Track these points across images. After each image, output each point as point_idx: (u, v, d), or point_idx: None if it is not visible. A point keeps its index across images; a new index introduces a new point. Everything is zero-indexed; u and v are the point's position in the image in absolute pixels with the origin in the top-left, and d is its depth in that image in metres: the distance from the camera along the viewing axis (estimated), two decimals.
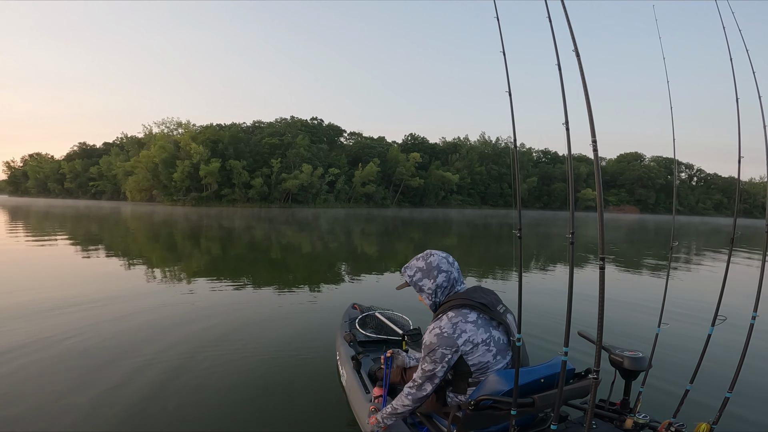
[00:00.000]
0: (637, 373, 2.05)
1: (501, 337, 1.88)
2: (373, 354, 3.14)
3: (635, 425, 1.88)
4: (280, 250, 12.88)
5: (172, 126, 62.21)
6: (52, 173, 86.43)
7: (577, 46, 1.58)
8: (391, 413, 1.99)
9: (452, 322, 1.82)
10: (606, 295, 1.49)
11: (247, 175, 55.99)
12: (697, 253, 15.13)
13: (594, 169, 1.54)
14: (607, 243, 15.44)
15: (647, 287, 7.98)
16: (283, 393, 3.08)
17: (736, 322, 2.31)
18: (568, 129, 1.67)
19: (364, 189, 64.40)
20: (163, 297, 6.01)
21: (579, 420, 2.02)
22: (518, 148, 1.93)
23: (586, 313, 5.21)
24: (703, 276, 9.76)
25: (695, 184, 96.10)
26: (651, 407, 2.13)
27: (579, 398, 2.00)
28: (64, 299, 5.58)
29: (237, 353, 3.83)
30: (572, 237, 1.61)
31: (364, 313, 3.85)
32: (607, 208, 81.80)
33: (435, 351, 1.80)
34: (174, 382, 3.21)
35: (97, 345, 3.97)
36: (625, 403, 2.04)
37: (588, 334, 2.28)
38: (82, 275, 7.65)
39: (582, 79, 1.56)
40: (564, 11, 1.61)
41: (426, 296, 1.99)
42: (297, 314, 5.32)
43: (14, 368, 3.39)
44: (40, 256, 9.81)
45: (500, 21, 1.95)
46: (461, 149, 79.87)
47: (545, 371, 1.85)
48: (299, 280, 7.97)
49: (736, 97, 2.19)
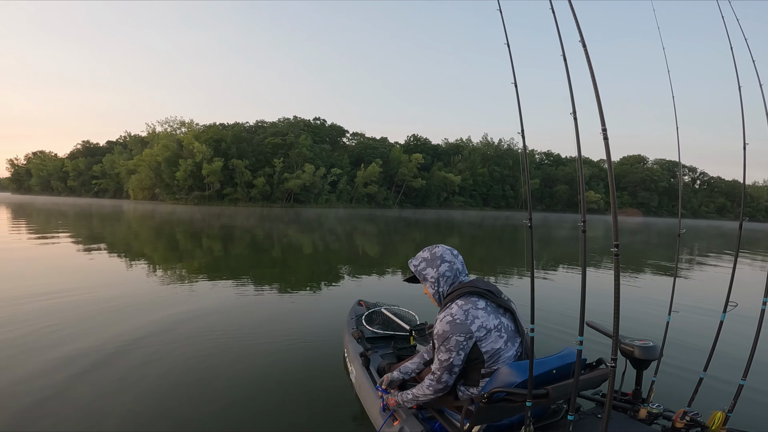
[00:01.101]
0: (648, 363, 2.04)
1: (509, 324, 1.88)
2: (382, 350, 3.14)
3: (649, 415, 1.87)
4: (283, 249, 12.88)
5: (175, 125, 62.36)
6: (55, 171, 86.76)
7: (583, 36, 1.57)
8: (412, 399, 2.00)
9: (463, 309, 1.81)
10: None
11: (250, 174, 56.05)
12: (704, 253, 15.08)
13: (606, 159, 1.54)
14: (606, 242, 15.38)
15: (655, 278, 8.00)
16: (292, 391, 3.06)
17: (748, 307, 2.29)
18: (576, 119, 1.67)
19: (366, 189, 64.39)
20: (166, 296, 5.99)
21: (591, 411, 2.01)
22: (520, 150, 1.92)
23: (594, 305, 5.20)
24: (712, 269, 9.78)
25: (698, 187, 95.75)
26: (664, 396, 2.12)
27: (591, 389, 1.99)
28: (79, 294, 5.58)
29: (244, 352, 3.81)
30: (584, 225, 1.60)
31: (370, 309, 3.85)
32: (609, 211, 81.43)
33: (449, 339, 1.78)
34: (181, 381, 3.19)
35: (97, 342, 3.97)
36: (638, 393, 2.04)
37: (597, 324, 2.28)
38: (80, 271, 7.67)
39: (589, 66, 1.54)
40: (570, 4, 1.61)
41: (429, 285, 2.00)
42: (303, 312, 5.32)
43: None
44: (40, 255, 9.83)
45: (503, 15, 1.95)
46: (464, 151, 79.76)
47: (557, 362, 1.84)
48: (304, 278, 7.96)
49: (740, 98, 2.19)
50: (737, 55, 2.25)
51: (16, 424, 2.50)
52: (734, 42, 2.24)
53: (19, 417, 2.57)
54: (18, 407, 2.68)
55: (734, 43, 2.24)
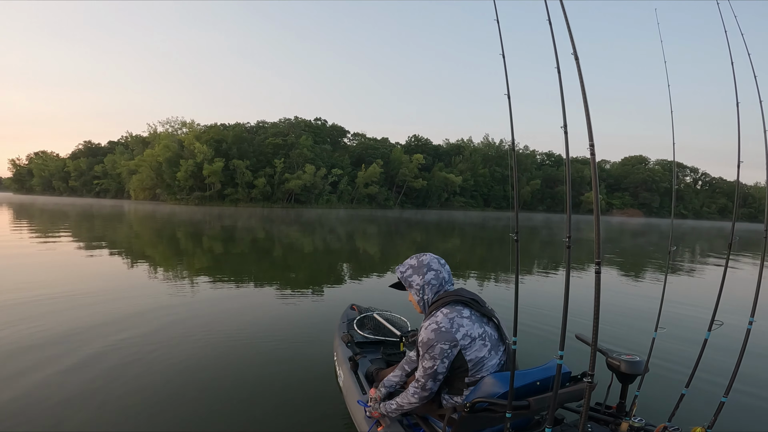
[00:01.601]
0: (633, 377, 2.04)
1: (493, 333, 1.91)
2: (371, 355, 3.13)
3: (630, 429, 1.88)
4: (281, 250, 12.91)
5: (176, 125, 62.52)
6: (57, 171, 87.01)
7: (576, 49, 1.58)
8: (396, 409, 2.00)
9: (448, 317, 1.83)
10: (603, 299, 1.49)
11: (251, 174, 56.16)
12: (697, 258, 15.06)
13: (591, 173, 1.54)
14: (605, 245, 15.29)
15: (645, 292, 7.95)
16: (279, 393, 3.07)
17: (733, 326, 2.30)
18: (566, 132, 1.68)
19: (367, 190, 64.46)
20: (156, 295, 6.00)
21: (575, 423, 2.02)
22: (521, 151, 1.94)
23: (583, 317, 5.18)
24: (702, 281, 9.72)
25: (699, 188, 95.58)
26: (647, 411, 2.12)
27: (575, 401, 2.00)
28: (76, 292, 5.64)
29: (233, 353, 3.83)
30: (569, 241, 1.61)
31: (362, 314, 3.84)
32: (610, 211, 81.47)
33: (433, 347, 1.79)
34: (168, 382, 3.19)
35: (74, 344, 3.98)
36: (621, 407, 2.04)
37: (585, 337, 2.28)
38: (82, 272, 7.70)
39: (580, 82, 1.56)
40: (564, 15, 1.61)
41: (414, 292, 2.02)
42: (295, 314, 5.32)
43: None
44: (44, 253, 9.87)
45: (501, 24, 1.96)
46: (464, 151, 79.74)
47: (541, 374, 1.86)
48: (298, 280, 7.98)
49: (737, 101, 2.19)
50: (736, 58, 2.25)
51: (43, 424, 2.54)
52: (733, 47, 2.24)
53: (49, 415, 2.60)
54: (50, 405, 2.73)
55: (733, 48, 2.24)
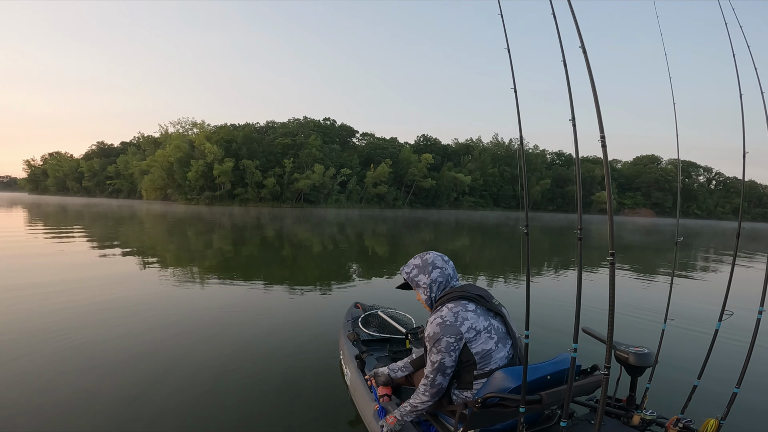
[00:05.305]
0: (643, 369, 2.04)
1: (500, 326, 1.92)
2: (377, 353, 3.15)
3: (642, 421, 1.88)
4: (288, 248, 12.99)
5: (187, 126, 63.31)
6: (70, 172, 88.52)
7: (583, 41, 1.59)
8: (411, 411, 1.99)
9: (453, 311, 1.86)
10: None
11: (260, 174, 56.53)
12: (708, 252, 14.84)
13: (603, 165, 1.56)
14: (617, 238, 15.13)
15: (653, 285, 7.91)
16: (286, 392, 3.04)
17: (744, 317, 2.29)
18: (574, 125, 1.69)
19: (376, 189, 64.46)
20: (165, 295, 6.04)
21: (585, 417, 2.03)
22: (531, 150, 1.95)
23: (590, 311, 5.18)
24: (711, 274, 9.64)
25: (714, 187, 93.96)
26: (658, 403, 2.12)
27: (585, 395, 2.01)
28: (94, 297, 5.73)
29: (239, 352, 3.79)
30: (580, 233, 1.63)
31: (367, 312, 3.85)
32: (621, 211, 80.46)
33: (439, 341, 1.82)
34: (174, 381, 3.16)
35: (102, 341, 4.04)
36: (632, 400, 2.05)
37: (593, 330, 2.29)
38: (92, 275, 7.84)
39: (589, 73, 1.57)
40: (570, 10, 1.63)
41: (422, 291, 2.05)
42: (300, 313, 5.34)
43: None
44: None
45: (506, 21, 1.97)
46: (474, 151, 79.28)
47: (551, 368, 1.86)
48: (304, 278, 8.01)
49: (740, 93, 2.19)
50: (738, 59, 2.24)
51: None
52: (735, 47, 2.24)
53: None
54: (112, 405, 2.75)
55: (735, 48, 2.24)
